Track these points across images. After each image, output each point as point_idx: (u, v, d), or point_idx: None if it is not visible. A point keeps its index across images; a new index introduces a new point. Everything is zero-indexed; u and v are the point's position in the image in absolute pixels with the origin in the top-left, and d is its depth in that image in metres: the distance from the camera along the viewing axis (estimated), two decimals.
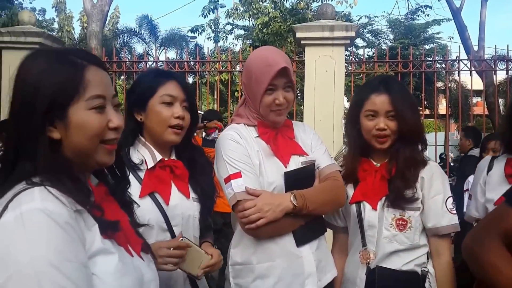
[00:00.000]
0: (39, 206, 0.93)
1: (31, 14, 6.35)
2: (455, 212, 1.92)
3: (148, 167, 1.83)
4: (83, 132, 1.06)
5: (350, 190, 2.05)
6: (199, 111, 2.23)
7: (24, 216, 0.92)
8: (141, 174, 1.81)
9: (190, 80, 13.29)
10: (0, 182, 1.02)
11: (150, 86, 1.85)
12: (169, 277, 1.75)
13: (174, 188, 1.85)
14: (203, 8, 11.70)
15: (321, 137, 2.11)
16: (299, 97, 10.46)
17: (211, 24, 12.57)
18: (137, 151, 1.87)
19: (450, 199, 1.93)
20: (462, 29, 9.74)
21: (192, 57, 6.07)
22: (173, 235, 1.78)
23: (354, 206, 2.02)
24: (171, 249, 1.67)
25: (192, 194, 1.90)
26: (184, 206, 1.85)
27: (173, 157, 1.92)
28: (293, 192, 1.82)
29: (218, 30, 12.73)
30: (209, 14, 11.67)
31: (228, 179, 1.83)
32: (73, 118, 1.05)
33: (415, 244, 1.93)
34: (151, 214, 1.75)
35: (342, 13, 11.25)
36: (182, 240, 1.70)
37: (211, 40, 11.88)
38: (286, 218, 1.81)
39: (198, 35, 11.97)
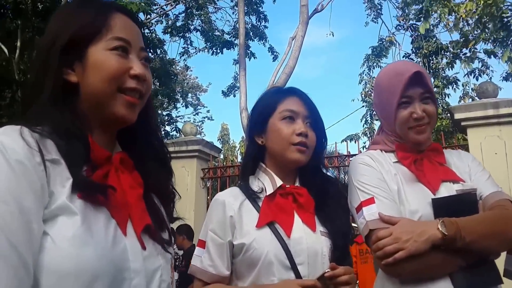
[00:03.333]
0: None
1: (192, 125, 6.94)
2: None
3: (267, 194, 1.61)
4: (100, 73, 0.96)
5: None
6: None
7: None
8: (260, 203, 1.60)
9: None
10: None
11: (269, 104, 1.70)
12: None
13: (297, 219, 1.58)
14: (362, 117, 11.72)
15: None
16: None
17: (366, 131, 12.43)
18: (257, 179, 1.68)
19: None
20: None
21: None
22: (297, 275, 1.48)
23: None
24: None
25: (320, 228, 1.60)
26: (309, 240, 1.56)
27: (297, 184, 1.68)
28: (441, 219, 1.41)
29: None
30: (368, 121, 11.64)
31: (359, 208, 1.54)
32: (91, 58, 0.96)
33: None
34: (270, 246, 1.50)
35: None
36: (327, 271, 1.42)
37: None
38: (437, 254, 1.40)
39: (354, 142, 11.79)
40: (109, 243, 0.88)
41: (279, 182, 1.62)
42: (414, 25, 11.46)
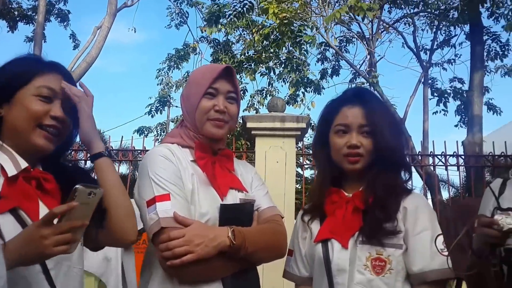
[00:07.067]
0: None
1: None
2: (447, 253, 1.51)
3: (9, 176, 1.34)
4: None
5: (316, 227, 1.69)
6: None
7: None
8: None
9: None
10: None
11: (23, 72, 1.44)
12: None
13: (43, 207, 1.38)
14: (149, 106, 11.44)
15: None
16: None
17: (158, 128, 12.42)
18: None
19: (441, 238, 1.56)
20: (406, 138, 10.09)
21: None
22: (45, 268, 1.30)
23: (319, 247, 1.64)
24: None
25: None
26: None
27: (40, 168, 1.48)
28: (231, 227, 1.48)
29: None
30: (157, 114, 11.49)
31: (152, 202, 1.49)
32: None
33: None
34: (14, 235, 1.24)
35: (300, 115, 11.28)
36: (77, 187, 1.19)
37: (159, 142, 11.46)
38: (219, 259, 1.46)
39: (145, 136, 11.55)
40: None
41: (23, 164, 1.39)
42: (216, 39, 12.00)
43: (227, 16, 9.67)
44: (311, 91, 10.66)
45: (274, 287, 3.71)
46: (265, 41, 9.50)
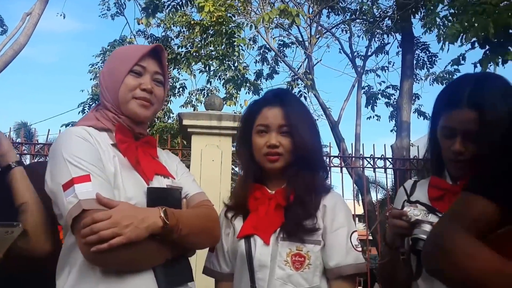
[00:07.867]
0: None
1: None
2: (360, 249, 1.64)
3: None
4: None
5: (239, 224, 1.72)
6: None
7: None
8: None
9: None
10: None
11: None
12: None
13: None
14: (82, 104, 10.94)
15: None
16: None
17: None
18: None
19: (356, 234, 1.66)
20: (339, 141, 10.43)
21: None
22: None
23: (242, 243, 1.67)
24: None
25: None
26: None
27: None
28: (163, 207, 1.38)
29: None
30: (86, 110, 11.05)
31: (70, 184, 1.33)
32: None
33: (314, 287, 1.59)
34: None
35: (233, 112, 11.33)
36: None
37: None
38: (150, 243, 1.35)
39: None
40: None
41: None
42: (153, 35, 11.76)
43: (165, 7, 9.51)
44: (251, 92, 10.74)
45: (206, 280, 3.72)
46: (203, 35, 9.47)
